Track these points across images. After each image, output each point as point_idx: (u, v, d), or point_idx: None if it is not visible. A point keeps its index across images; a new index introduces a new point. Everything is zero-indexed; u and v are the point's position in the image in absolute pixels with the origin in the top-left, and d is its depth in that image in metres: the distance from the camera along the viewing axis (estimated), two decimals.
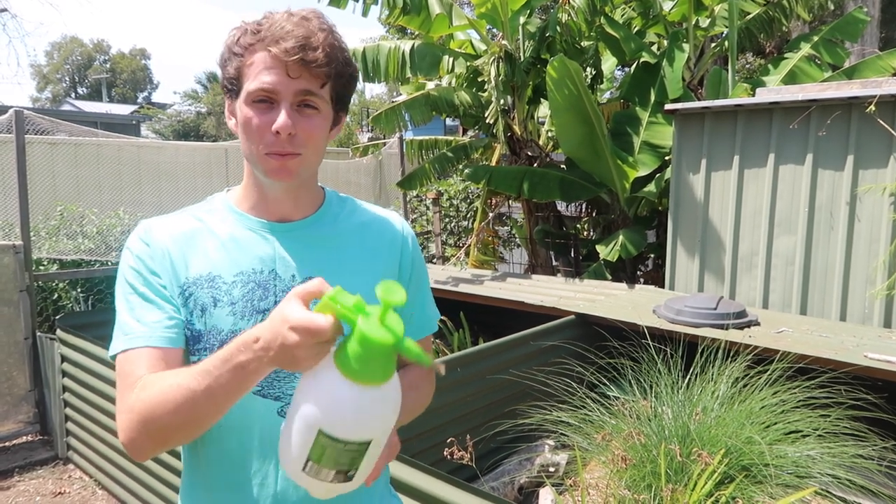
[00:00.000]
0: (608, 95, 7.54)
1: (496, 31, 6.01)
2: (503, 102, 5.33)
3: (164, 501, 2.98)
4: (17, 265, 3.99)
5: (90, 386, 3.46)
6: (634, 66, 5.82)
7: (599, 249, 4.97)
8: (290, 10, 1.01)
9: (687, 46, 5.53)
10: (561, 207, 6.58)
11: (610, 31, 5.68)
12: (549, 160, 6.09)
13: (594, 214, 6.35)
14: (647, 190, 5.35)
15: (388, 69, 5.67)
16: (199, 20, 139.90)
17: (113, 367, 3.32)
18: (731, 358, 2.77)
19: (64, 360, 3.73)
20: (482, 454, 2.85)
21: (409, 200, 7.45)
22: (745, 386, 2.64)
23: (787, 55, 5.77)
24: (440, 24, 5.79)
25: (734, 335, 3.16)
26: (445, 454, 2.30)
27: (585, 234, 6.62)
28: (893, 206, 3.67)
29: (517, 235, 7.58)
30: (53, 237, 4.78)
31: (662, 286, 4.67)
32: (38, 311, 4.30)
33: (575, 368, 3.08)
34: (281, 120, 0.96)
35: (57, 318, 3.93)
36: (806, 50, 5.60)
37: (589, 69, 5.78)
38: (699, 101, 5.32)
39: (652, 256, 6.13)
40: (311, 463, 0.84)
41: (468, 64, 5.83)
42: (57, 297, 4.90)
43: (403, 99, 6.03)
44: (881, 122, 3.66)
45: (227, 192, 1.13)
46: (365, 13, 5.55)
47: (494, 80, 5.21)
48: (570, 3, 5.40)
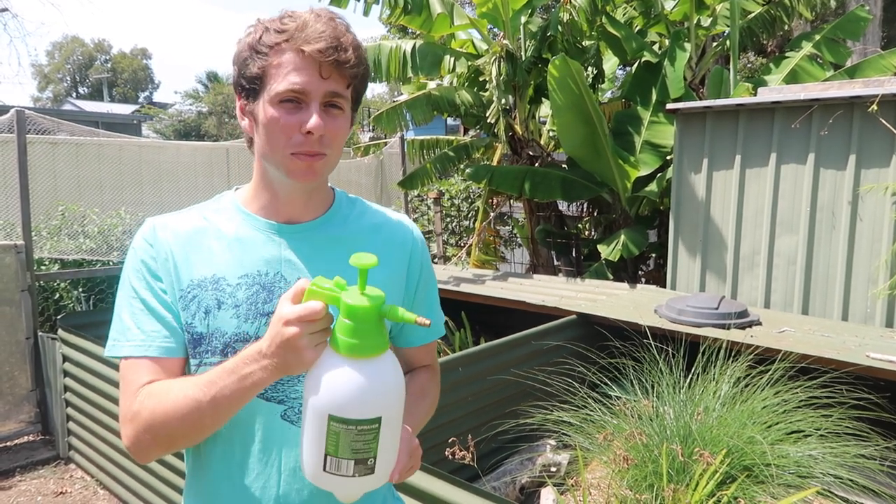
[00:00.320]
0: (609, 95, 7.53)
1: (497, 30, 6.01)
2: (504, 102, 5.33)
3: (165, 502, 2.98)
4: (18, 265, 4.00)
5: (91, 386, 3.46)
6: (636, 65, 5.82)
7: (601, 249, 4.97)
8: (312, 9, 1.00)
9: (688, 46, 5.52)
10: (562, 207, 6.58)
11: (611, 30, 5.68)
12: (550, 160, 6.09)
13: (595, 214, 6.34)
14: (648, 189, 5.34)
15: (389, 69, 5.68)
16: (200, 20, 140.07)
17: (113, 366, 3.29)
18: (732, 358, 2.77)
19: (65, 359, 3.74)
20: (483, 454, 2.84)
21: (410, 200, 7.44)
22: (746, 386, 2.64)
23: (788, 54, 5.76)
24: (441, 23, 5.78)
25: (736, 335, 3.16)
26: (447, 454, 2.30)
27: (587, 233, 6.61)
28: (895, 205, 3.67)
29: (518, 235, 7.58)
30: (55, 237, 4.78)
31: (664, 286, 4.66)
32: (39, 310, 4.30)
33: (576, 368, 3.08)
34: (314, 121, 0.95)
35: (58, 317, 3.93)
36: (808, 49, 5.59)
37: (590, 68, 5.78)
38: (701, 100, 5.31)
39: (653, 256, 6.13)
40: (329, 458, 0.85)
41: (469, 63, 5.82)
42: (58, 296, 4.90)
43: (405, 98, 6.03)
44: (883, 121, 3.65)
45: (235, 190, 1.12)
46: (366, 13, 5.55)
47: (496, 79, 5.21)
48: (571, 2, 5.39)
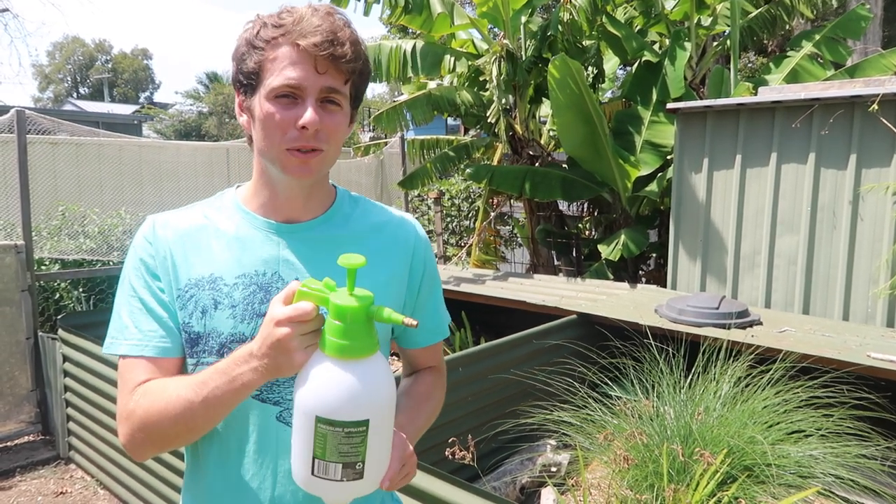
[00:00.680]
0: (610, 94, 7.53)
1: (498, 30, 6.01)
2: (505, 102, 5.32)
3: (165, 501, 2.98)
4: (18, 265, 3.99)
5: (92, 386, 3.46)
6: (636, 65, 5.82)
7: (601, 249, 4.97)
8: (311, 4, 0.99)
9: (689, 45, 5.52)
10: (563, 207, 6.57)
11: (612, 30, 5.67)
12: (550, 159, 6.08)
13: (596, 214, 6.34)
14: (648, 189, 5.34)
15: (389, 69, 5.68)
16: (200, 20, 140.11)
17: (113, 366, 3.30)
18: (733, 357, 2.76)
19: (65, 359, 3.74)
20: (484, 454, 2.84)
21: (410, 200, 7.44)
22: (747, 386, 2.64)
23: (789, 53, 5.75)
24: (442, 23, 5.78)
25: (736, 335, 3.15)
26: (447, 454, 2.29)
27: (587, 233, 6.61)
28: None
29: (519, 235, 7.57)
30: (55, 237, 4.77)
31: (664, 286, 4.66)
32: (39, 310, 4.30)
33: (577, 368, 3.07)
34: (308, 115, 0.94)
35: (58, 317, 3.93)
36: (808, 48, 5.58)
37: (591, 68, 5.78)
38: (701, 100, 5.30)
39: (654, 256, 6.13)
40: (317, 462, 0.85)
41: (470, 63, 5.82)
42: (58, 296, 4.90)
43: (405, 98, 6.03)
44: (884, 120, 3.64)
45: (236, 188, 1.12)
46: (366, 12, 5.55)
47: (496, 79, 5.20)
48: (571, 2, 5.39)
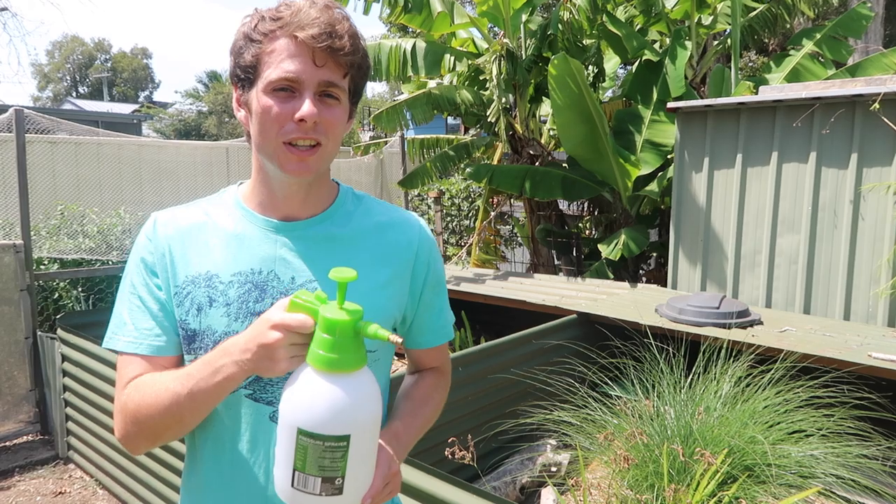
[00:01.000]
0: (610, 94, 7.52)
1: (498, 29, 6.00)
2: (505, 101, 5.32)
3: (164, 501, 2.97)
4: (17, 264, 3.99)
5: (91, 385, 3.45)
6: (637, 64, 5.80)
7: (601, 248, 4.96)
8: None
9: (689, 44, 5.51)
10: (563, 206, 6.57)
11: (612, 28, 5.66)
12: (550, 159, 6.07)
13: (596, 213, 6.33)
14: (649, 188, 5.33)
15: (389, 68, 5.67)
16: (200, 18, 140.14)
17: (112, 366, 3.31)
18: (733, 357, 2.76)
19: (64, 359, 3.73)
20: (483, 454, 2.84)
21: (410, 199, 7.44)
22: (747, 385, 2.63)
23: (790, 52, 5.75)
24: (442, 22, 5.78)
25: (737, 334, 3.15)
26: (447, 454, 2.29)
27: (587, 232, 6.61)
28: None
29: (519, 234, 7.57)
30: (54, 236, 4.77)
31: (665, 285, 4.65)
32: (38, 310, 4.29)
33: (577, 368, 3.07)
34: (306, 108, 0.92)
35: (57, 317, 3.92)
36: (809, 47, 5.57)
37: (591, 67, 5.77)
38: (702, 99, 5.30)
39: (654, 255, 6.12)
40: (297, 474, 0.84)
41: (470, 62, 5.81)
42: (57, 296, 4.90)
43: (405, 97, 6.02)
44: (885, 119, 3.64)
45: (239, 185, 1.11)
46: (366, 11, 5.55)
47: (496, 78, 5.20)
48: (571, 0, 5.38)
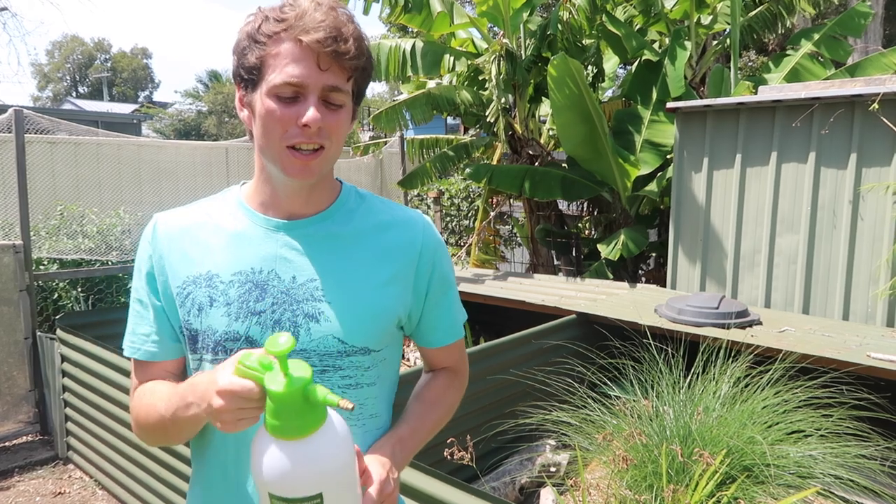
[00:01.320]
0: (610, 94, 7.51)
1: (497, 29, 6.00)
2: (504, 101, 5.32)
3: (163, 502, 2.97)
4: (17, 265, 3.99)
5: (90, 386, 3.45)
6: (636, 64, 5.80)
7: (601, 248, 4.96)
8: None
9: (689, 44, 5.51)
10: (562, 206, 6.57)
11: (611, 28, 5.66)
12: (550, 159, 6.07)
13: (596, 213, 6.33)
14: (648, 189, 5.33)
15: (388, 68, 5.67)
16: (200, 18, 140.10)
17: (111, 366, 3.30)
18: (732, 357, 2.76)
19: (64, 359, 3.73)
20: (483, 454, 2.84)
21: (410, 199, 7.43)
22: (746, 386, 2.63)
23: (788, 52, 5.75)
24: (441, 22, 5.77)
25: (736, 334, 3.15)
26: (446, 454, 2.29)
27: (587, 232, 6.60)
28: None
29: (518, 234, 7.57)
30: (53, 237, 4.77)
31: (664, 285, 4.65)
32: (38, 310, 4.29)
33: (576, 368, 3.07)
34: (311, 113, 0.92)
35: (57, 317, 3.92)
36: (808, 47, 5.57)
37: (590, 67, 5.77)
38: (701, 99, 5.30)
39: (654, 255, 6.12)
40: None
41: (469, 62, 5.81)
42: (57, 296, 4.89)
43: (404, 98, 6.02)
44: (884, 120, 3.64)
45: (241, 185, 1.11)
46: (366, 11, 5.55)
47: (495, 78, 5.20)
48: (571, 1, 5.38)
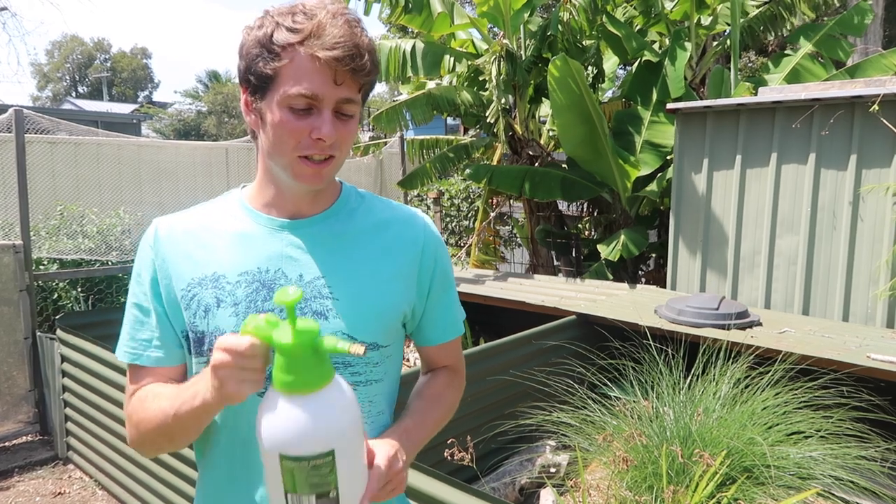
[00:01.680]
0: (610, 94, 7.52)
1: (498, 29, 6.00)
2: (504, 101, 5.32)
3: (163, 502, 2.97)
4: (16, 265, 3.99)
5: (90, 386, 3.45)
6: (636, 64, 5.81)
7: (601, 249, 4.96)
8: (326, 7, 0.95)
9: (689, 45, 5.51)
10: (562, 207, 6.57)
11: (611, 29, 5.67)
12: (550, 159, 6.08)
13: (595, 214, 6.34)
14: (648, 189, 5.34)
15: (389, 68, 5.67)
16: (200, 18, 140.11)
17: (111, 367, 3.29)
18: (732, 358, 2.76)
19: (64, 360, 3.73)
20: (483, 455, 2.84)
21: (410, 200, 7.43)
22: (746, 387, 2.63)
23: (788, 52, 5.75)
24: (441, 23, 5.78)
25: (736, 335, 3.15)
26: (446, 455, 2.29)
27: (587, 233, 6.60)
28: None
29: (518, 235, 7.57)
30: (53, 237, 4.77)
31: (664, 286, 4.65)
32: (38, 310, 4.29)
33: (576, 369, 3.07)
34: (327, 129, 0.94)
35: (57, 317, 3.92)
36: (808, 47, 5.58)
37: (590, 68, 5.77)
38: (701, 100, 5.30)
39: (653, 256, 6.12)
40: (289, 496, 0.83)
41: (469, 63, 5.81)
42: (57, 296, 4.89)
43: (404, 98, 6.02)
44: (884, 121, 3.64)
45: (242, 188, 1.12)
46: (367, 11, 5.55)
47: (496, 79, 5.20)
48: (571, 1, 5.39)
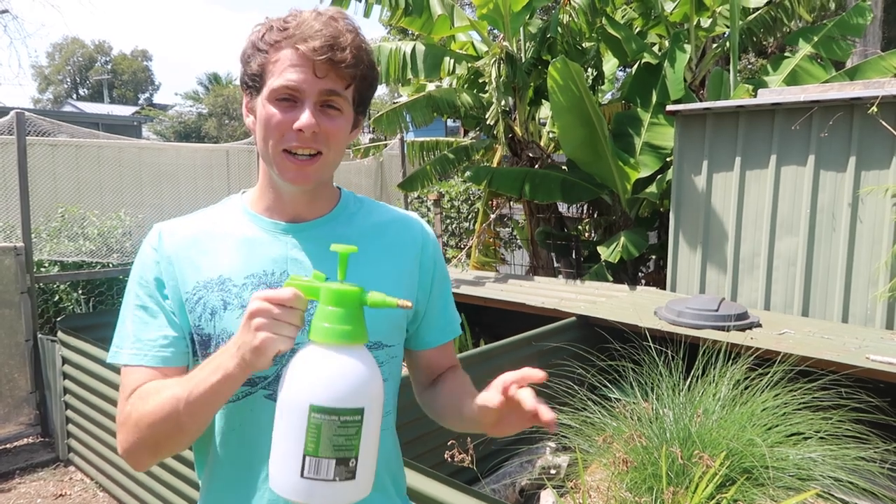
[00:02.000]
0: (609, 96, 7.53)
1: (497, 32, 6.01)
2: (504, 104, 5.33)
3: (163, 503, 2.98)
4: (18, 267, 3.99)
5: (91, 388, 3.46)
6: (636, 66, 5.82)
7: (601, 251, 4.97)
8: (318, 8, 0.99)
9: (688, 47, 5.52)
10: (562, 209, 6.57)
11: (611, 31, 5.68)
12: (550, 161, 6.08)
13: (595, 216, 6.34)
14: (648, 191, 5.34)
15: (389, 70, 5.67)
16: (200, 20, 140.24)
17: (113, 368, 3.26)
18: (732, 360, 2.76)
19: (65, 362, 3.73)
20: (483, 456, 2.84)
21: (410, 202, 7.44)
22: (746, 388, 2.64)
23: (787, 53, 5.76)
24: (441, 25, 5.79)
25: (735, 337, 3.15)
26: (446, 457, 2.30)
27: (587, 235, 6.61)
28: (895, 207, 3.66)
29: (518, 237, 7.57)
30: (54, 239, 4.78)
31: (664, 288, 4.66)
32: (39, 312, 4.29)
33: (576, 370, 3.07)
34: (304, 118, 0.94)
35: (58, 319, 3.93)
36: (807, 48, 5.59)
37: (590, 70, 5.78)
38: (701, 102, 5.31)
39: (653, 258, 6.12)
40: (308, 459, 0.80)
41: (469, 65, 5.82)
42: (58, 298, 4.90)
43: (404, 100, 6.03)
44: (883, 123, 3.65)
45: (242, 193, 1.13)
46: (367, 14, 5.56)
47: (496, 81, 5.21)
48: (571, 3, 5.40)
